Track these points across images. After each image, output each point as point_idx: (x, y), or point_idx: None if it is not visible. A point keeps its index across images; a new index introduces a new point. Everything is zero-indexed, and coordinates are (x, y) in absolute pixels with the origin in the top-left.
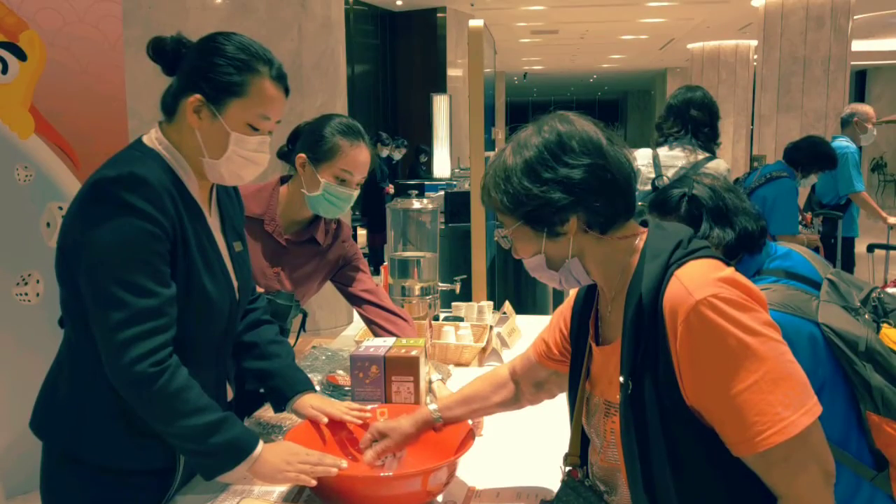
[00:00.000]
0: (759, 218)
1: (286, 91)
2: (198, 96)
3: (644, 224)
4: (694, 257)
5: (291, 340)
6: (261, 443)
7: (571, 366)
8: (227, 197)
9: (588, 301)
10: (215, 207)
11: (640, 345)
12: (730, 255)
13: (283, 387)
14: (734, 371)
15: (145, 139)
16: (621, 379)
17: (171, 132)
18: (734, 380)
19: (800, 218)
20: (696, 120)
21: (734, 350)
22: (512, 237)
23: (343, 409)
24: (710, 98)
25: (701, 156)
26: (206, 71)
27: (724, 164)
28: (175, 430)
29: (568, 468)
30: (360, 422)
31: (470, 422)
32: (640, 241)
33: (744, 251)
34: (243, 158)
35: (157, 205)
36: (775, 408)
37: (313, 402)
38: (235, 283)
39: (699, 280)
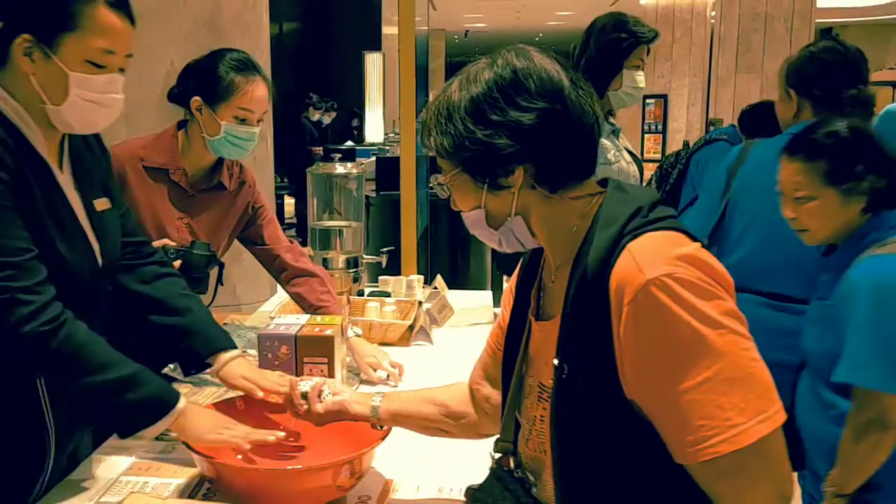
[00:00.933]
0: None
1: (130, 19)
2: (25, 36)
3: (604, 184)
4: (653, 228)
5: (209, 294)
6: (183, 398)
7: (507, 341)
8: (87, 148)
9: (532, 268)
10: (67, 162)
11: (581, 324)
12: (879, 203)
13: (200, 344)
14: (683, 365)
15: None
16: (555, 361)
17: (5, 80)
18: (681, 375)
19: None
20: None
21: (685, 341)
22: (450, 186)
23: (277, 381)
24: (622, 19)
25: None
26: (29, 5)
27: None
28: (84, 387)
29: (498, 455)
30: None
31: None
32: (594, 204)
33: (894, 201)
34: (91, 102)
35: None
36: (727, 412)
37: (244, 372)
38: (96, 246)
39: (653, 255)
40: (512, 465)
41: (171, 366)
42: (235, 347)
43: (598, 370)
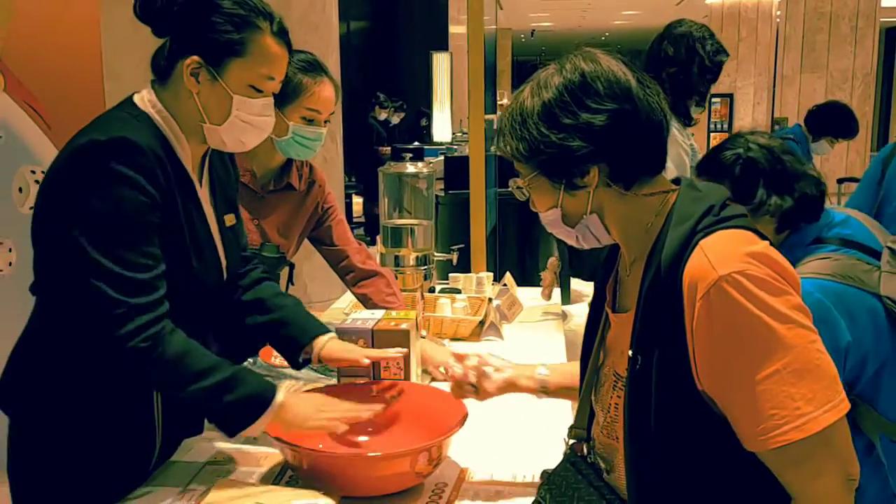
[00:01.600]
0: (819, 182)
1: (289, 48)
2: (195, 58)
3: (677, 182)
4: (725, 226)
5: None
6: (281, 390)
7: (586, 331)
8: (222, 164)
9: (610, 263)
10: (206, 177)
11: (654, 317)
12: (788, 223)
13: (297, 333)
14: (754, 358)
15: (137, 100)
16: (630, 352)
17: (167, 96)
18: (753, 368)
19: None
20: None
21: (756, 335)
22: (528, 188)
23: (375, 354)
24: (703, 34)
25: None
26: (202, 30)
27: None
28: (186, 395)
29: (572, 441)
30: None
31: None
32: (668, 202)
33: (803, 219)
34: (247, 123)
35: (149, 174)
36: (796, 402)
37: (345, 346)
38: (224, 262)
39: (726, 253)
40: (585, 451)
41: (251, 360)
42: (330, 331)
43: (670, 362)
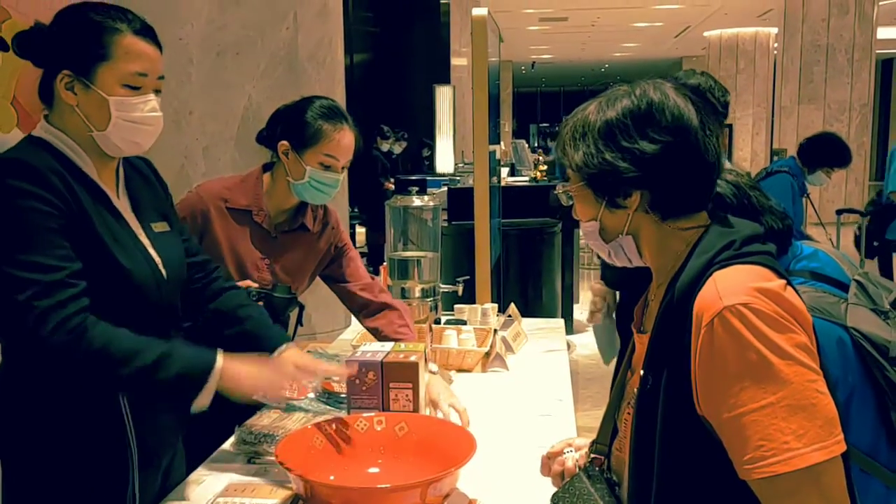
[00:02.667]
0: (785, 216)
1: (157, 45)
2: (65, 72)
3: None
4: (742, 261)
5: (289, 334)
6: (219, 355)
7: (620, 351)
8: (141, 178)
9: (643, 285)
10: (123, 190)
11: (665, 341)
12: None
13: (261, 348)
14: (749, 388)
15: (34, 132)
16: (641, 372)
17: (55, 118)
18: (746, 397)
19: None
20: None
21: (753, 366)
22: (574, 195)
23: (329, 368)
24: (710, 84)
25: None
26: (64, 44)
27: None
28: (119, 382)
29: (593, 456)
30: (343, 373)
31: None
32: (699, 234)
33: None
34: (132, 122)
35: (44, 185)
36: (785, 436)
37: (296, 360)
38: (157, 259)
39: (735, 285)
40: (605, 466)
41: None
42: (290, 341)
43: (675, 385)
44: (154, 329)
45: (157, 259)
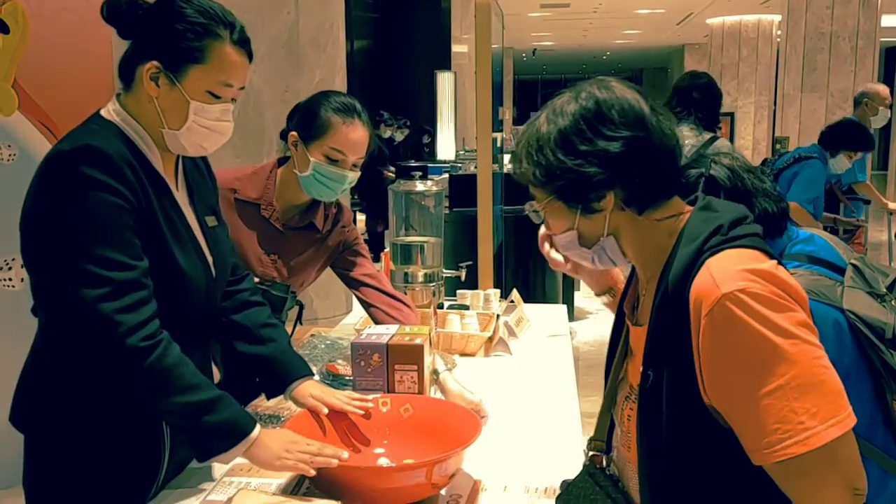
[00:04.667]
0: (780, 199)
1: (249, 56)
2: (154, 63)
3: (694, 201)
4: (732, 245)
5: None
6: (258, 426)
7: (609, 345)
8: (196, 170)
9: (631, 278)
10: (182, 181)
11: (664, 335)
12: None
13: (280, 373)
14: (758, 373)
15: (103, 112)
16: (642, 368)
17: (130, 102)
18: (757, 383)
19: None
20: (697, 102)
21: (759, 350)
22: (544, 212)
23: (344, 399)
24: (715, 85)
25: (707, 135)
26: (163, 36)
27: (728, 143)
28: (168, 406)
29: (591, 453)
30: (361, 412)
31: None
32: (681, 222)
33: (765, 234)
34: (205, 128)
35: (118, 176)
36: (799, 416)
37: (313, 392)
38: (210, 258)
39: (730, 271)
40: (605, 462)
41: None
42: (312, 375)
43: (679, 379)
44: (192, 330)
45: (210, 258)
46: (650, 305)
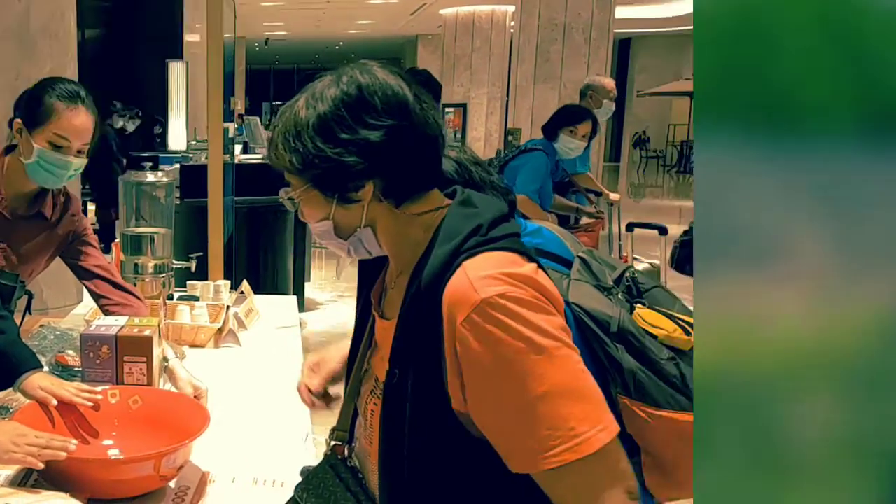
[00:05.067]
0: (509, 192)
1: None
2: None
3: (454, 195)
4: (490, 248)
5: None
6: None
7: (354, 334)
8: None
9: (378, 266)
10: None
11: (412, 334)
12: None
13: (9, 365)
14: (523, 379)
15: None
16: (387, 366)
17: None
18: (523, 388)
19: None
20: None
21: (523, 355)
22: (299, 200)
23: (73, 391)
24: (434, 80)
25: None
26: None
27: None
28: None
29: (333, 443)
30: (90, 404)
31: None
32: (438, 217)
33: None
34: None
35: None
36: (569, 422)
37: (42, 383)
38: None
39: (487, 275)
40: (347, 453)
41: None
42: (41, 367)
43: (425, 380)
44: None
45: None
46: (399, 300)
